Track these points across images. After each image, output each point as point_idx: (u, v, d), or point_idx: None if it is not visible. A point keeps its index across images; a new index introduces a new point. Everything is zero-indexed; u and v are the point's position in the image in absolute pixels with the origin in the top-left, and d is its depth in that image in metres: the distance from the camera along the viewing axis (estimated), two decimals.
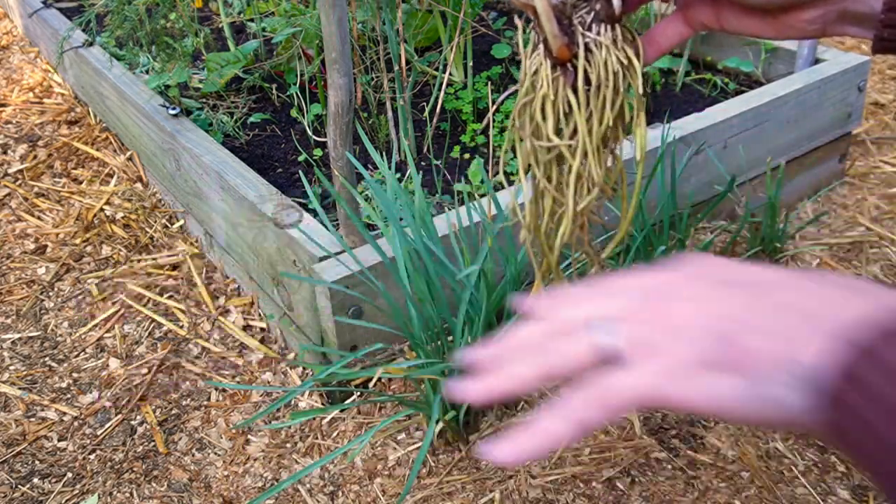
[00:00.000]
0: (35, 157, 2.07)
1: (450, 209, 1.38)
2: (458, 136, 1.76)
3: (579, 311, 0.46)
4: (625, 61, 0.58)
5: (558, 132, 0.60)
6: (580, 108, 0.58)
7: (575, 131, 0.59)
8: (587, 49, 0.58)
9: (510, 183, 1.57)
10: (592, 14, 0.58)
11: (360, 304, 1.23)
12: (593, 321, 0.44)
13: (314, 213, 1.42)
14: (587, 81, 0.58)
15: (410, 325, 1.15)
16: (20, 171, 2.02)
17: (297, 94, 1.85)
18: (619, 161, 0.62)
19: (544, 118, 0.59)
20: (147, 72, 1.93)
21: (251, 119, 1.85)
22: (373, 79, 1.77)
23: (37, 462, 1.26)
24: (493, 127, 1.74)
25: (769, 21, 0.57)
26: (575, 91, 0.58)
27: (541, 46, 0.59)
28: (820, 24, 0.55)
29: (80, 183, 1.96)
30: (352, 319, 1.22)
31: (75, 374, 1.43)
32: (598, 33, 0.58)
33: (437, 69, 1.82)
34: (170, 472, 1.23)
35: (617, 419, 1.26)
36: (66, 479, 1.23)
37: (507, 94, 0.71)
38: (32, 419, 1.34)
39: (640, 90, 0.58)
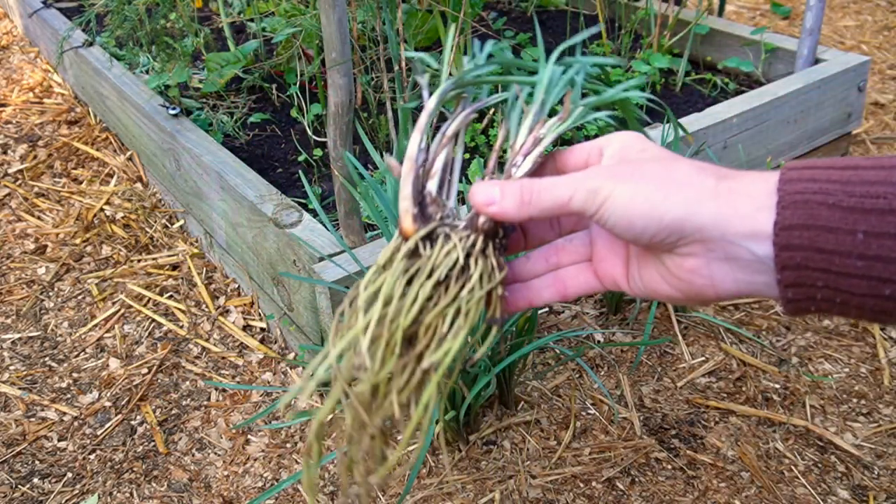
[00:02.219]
0: (35, 157, 2.07)
1: None
2: None
3: None
4: (467, 269, 0.53)
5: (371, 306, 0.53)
6: (392, 281, 0.52)
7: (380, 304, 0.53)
8: (433, 235, 0.55)
9: None
10: (465, 221, 0.56)
11: None
12: None
13: (314, 214, 1.42)
14: (415, 255, 0.54)
15: None
16: (20, 171, 2.02)
17: (297, 94, 1.85)
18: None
19: (366, 288, 0.53)
20: (147, 72, 1.93)
21: (251, 119, 1.85)
22: (373, 79, 1.77)
23: (37, 462, 1.26)
24: (493, 127, 1.74)
25: (660, 269, 0.54)
26: (405, 270, 0.53)
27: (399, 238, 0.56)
28: (707, 274, 0.51)
29: (80, 183, 1.97)
30: None
31: (75, 374, 1.43)
32: (457, 232, 0.55)
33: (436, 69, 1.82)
34: (170, 472, 1.23)
35: (617, 419, 1.26)
36: (66, 479, 1.23)
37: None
38: (32, 419, 1.34)
39: (468, 312, 0.52)
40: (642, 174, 0.51)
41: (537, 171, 0.59)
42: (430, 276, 0.52)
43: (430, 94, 0.63)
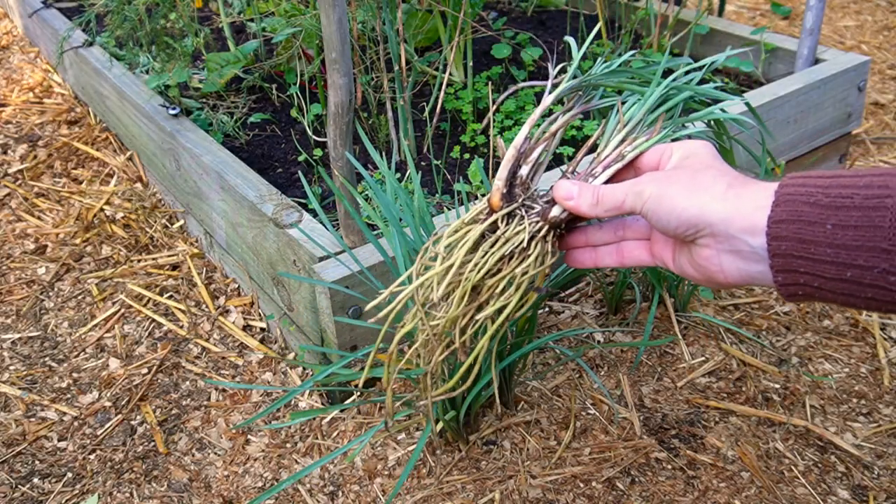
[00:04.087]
0: (35, 157, 2.07)
1: (450, 209, 1.38)
2: (458, 136, 1.76)
3: None
4: (526, 250, 0.67)
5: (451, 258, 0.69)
6: (471, 245, 0.68)
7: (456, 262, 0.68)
8: (511, 216, 0.69)
9: None
10: (539, 209, 0.70)
11: (359, 304, 1.23)
12: None
13: (314, 214, 1.42)
14: (493, 230, 0.68)
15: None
16: (20, 171, 2.02)
17: (297, 94, 1.85)
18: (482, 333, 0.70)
19: (449, 235, 0.69)
20: (147, 72, 1.93)
21: (251, 119, 1.85)
22: (373, 79, 1.77)
23: (37, 462, 1.26)
24: (493, 127, 1.74)
25: (686, 255, 0.67)
26: (483, 233, 0.68)
27: (488, 198, 0.70)
28: (717, 263, 0.63)
29: (80, 183, 1.96)
30: (352, 319, 1.22)
31: (75, 374, 1.43)
32: (529, 217, 0.69)
33: (437, 69, 1.82)
34: (170, 472, 1.23)
35: (617, 419, 1.26)
36: (66, 479, 1.23)
37: (507, 94, 0.74)
38: (32, 419, 1.34)
39: (520, 278, 0.67)
40: (677, 180, 0.64)
41: (615, 175, 0.73)
42: (499, 247, 0.67)
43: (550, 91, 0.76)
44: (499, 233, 0.67)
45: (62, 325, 1.54)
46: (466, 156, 1.69)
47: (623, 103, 0.78)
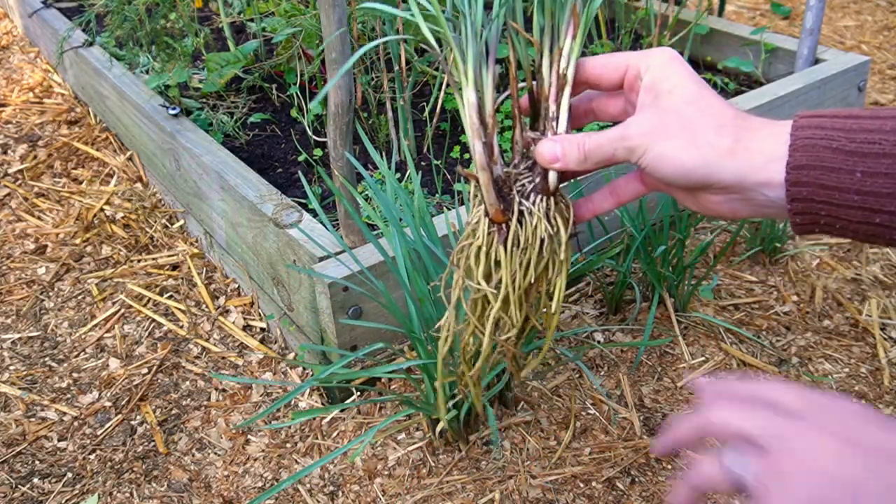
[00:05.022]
0: (35, 157, 2.07)
1: (450, 209, 1.38)
2: (458, 136, 1.76)
3: (729, 416, 0.55)
4: (553, 230, 0.67)
5: (488, 277, 0.68)
6: (507, 264, 0.66)
7: (501, 280, 0.67)
8: (521, 215, 0.66)
9: None
10: (532, 185, 0.66)
11: (359, 303, 1.23)
12: (731, 449, 0.53)
13: (314, 214, 1.42)
14: (517, 243, 0.66)
15: (410, 325, 1.15)
16: (20, 171, 2.02)
17: (297, 94, 1.85)
18: (549, 304, 0.71)
19: (476, 264, 0.68)
20: (147, 72, 1.93)
21: (251, 119, 1.85)
22: (373, 79, 1.77)
23: (37, 462, 1.26)
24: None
25: (690, 198, 0.65)
26: (505, 248, 0.66)
27: (482, 206, 0.67)
28: (727, 208, 0.63)
29: (80, 183, 1.96)
30: (352, 319, 1.22)
31: (75, 374, 1.43)
32: (534, 203, 0.66)
33: (436, 69, 1.82)
34: (170, 472, 1.23)
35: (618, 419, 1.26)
36: (66, 479, 1.23)
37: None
38: (32, 419, 1.34)
39: (563, 255, 0.67)
40: (672, 133, 0.61)
41: (574, 107, 0.69)
42: (530, 247, 0.67)
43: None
44: (520, 236, 0.67)
45: (62, 325, 1.54)
46: (466, 156, 1.69)
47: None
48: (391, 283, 1.24)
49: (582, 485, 1.17)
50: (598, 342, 1.41)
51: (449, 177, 1.63)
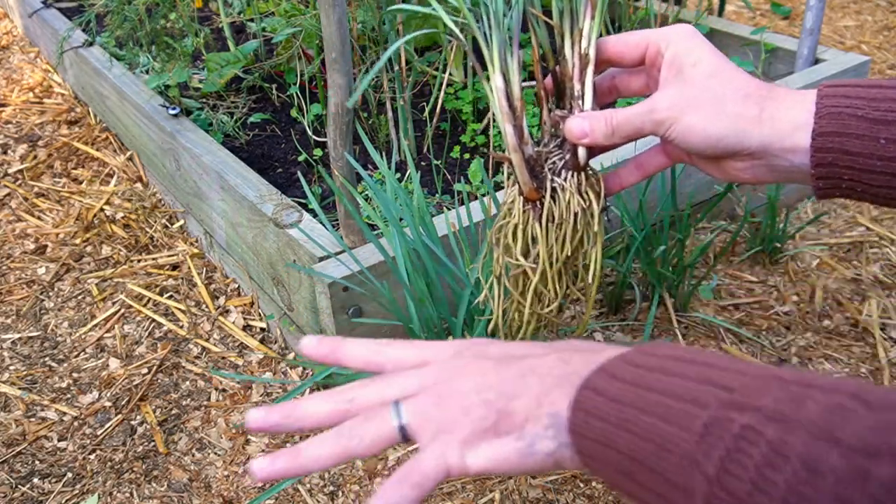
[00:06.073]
0: (35, 157, 2.07)
1: (450, 209, 1.38)
2: (458, 136, 1.76)
3: (377, 390, 0.55)
4: (585, 204, 0.70)
5: (526, 253, 0.71)
6: (544, 239, 0.70)
7: (539, 255, 0.71)
8: (554, 191, 0.70)
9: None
10: (563, 162, 0.69)
11: (360, 303, 1.23)
12: (387, 402, 0.53)
13: (314, 214, 1.42)
14: (551, 218, 0.70)
15: (410, 325, 1.15)
16: (20, 171, 2.02)
17: (297, 94, 1.85)
18: (586, 276, 0.74)
19: (514, 241, 0.71)
20: (147, 72, 1.93)
21: (251, 119, 1.85)
22: (372, 79, 1.77)
23: (37, 462, 1.26)
24: (493, 127, 1.74)
25: (714, 166, 0.68)
26: (541, 224, 0.70)
27: (516, 185, 0.70)
28: (750, 174, 0.66)
29: (80, 183, 1.97)
30: (352, 319, 1.22)
31: (75, 374, 1.43)
32: (565, 179, 0.69)
33: (436, 69, 1.82)
34: (170, 472, 1.23)
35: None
36: (66, 479, 1.23)
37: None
38: (32, 419, 1.34)
39: (596, 228, 0.70)
40: (698, 104, 0.64)
41: (597, 85, 0.71)
42: (565, 221, 0.70)
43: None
44: (554, 212, 0.70)
45: (62, 325, 1.54)
46: (466, 156, 1.69)
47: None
48: (391, 283, 1.24)
49: (582, 485, 1.17)
50: (598, 342, 1.41)
51: (449, 177, 1.63)
